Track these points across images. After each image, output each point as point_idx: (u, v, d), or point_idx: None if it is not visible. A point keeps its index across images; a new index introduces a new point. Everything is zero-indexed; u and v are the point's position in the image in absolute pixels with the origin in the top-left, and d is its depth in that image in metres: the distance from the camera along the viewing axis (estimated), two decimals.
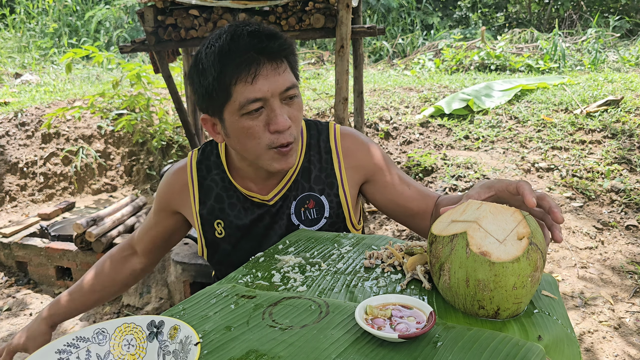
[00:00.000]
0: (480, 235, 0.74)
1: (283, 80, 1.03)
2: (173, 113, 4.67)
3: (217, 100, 1.05)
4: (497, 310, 0.73)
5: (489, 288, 0.71)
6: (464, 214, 0.80)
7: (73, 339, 0.69)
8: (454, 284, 0.75)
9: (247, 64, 1.00)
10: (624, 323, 2.37)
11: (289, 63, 1.06)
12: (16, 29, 9.03)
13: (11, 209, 4.27)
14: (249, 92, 1.00)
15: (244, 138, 1.06)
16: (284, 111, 1.04)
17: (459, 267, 0.73)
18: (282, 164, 1.08)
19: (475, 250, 0.72)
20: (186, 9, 2.83)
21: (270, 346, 0.68)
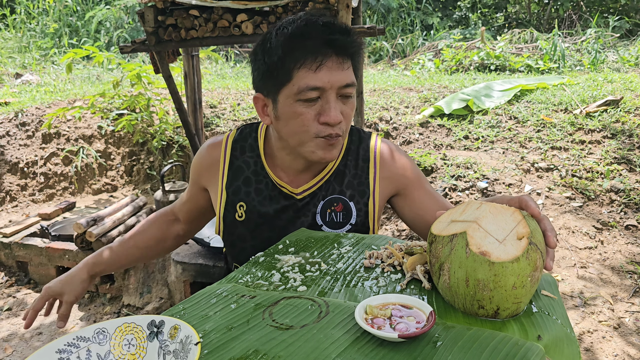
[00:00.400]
0: (479, 235, 0.74)
1: (345, 76, 1.05)
2: (173, 113, 4.67)
3: (277, 80, 1.06)
4: (496, 310, 0.73)
5: (488, 288, 0.71)
6: (464, 214, 0.80)
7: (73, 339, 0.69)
8: (454, 284, 0.75)
9: (315, 52, 1.02)
10: (623, 323, 2.37)
11: (353, 63, 1.08)
12: (16, 29, 9.03)
13: (11, 208, 4.27)
14: (310, 79, 1.02)
15: (293, 123, 1.07)
16: (338, 106, 1.06)
17: (459, 267, 0.73)
18: (326, 153, 1.09)
19: (475, 250, 0.72)
20: (186, 10, 2.83)
21: (270, 346, 0.68)
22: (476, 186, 3.37)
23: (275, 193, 1.20)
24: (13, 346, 2.69)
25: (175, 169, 4.29)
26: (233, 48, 8.73)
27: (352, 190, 1.21)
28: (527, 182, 3.40)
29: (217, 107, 4.84)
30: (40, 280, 3.33)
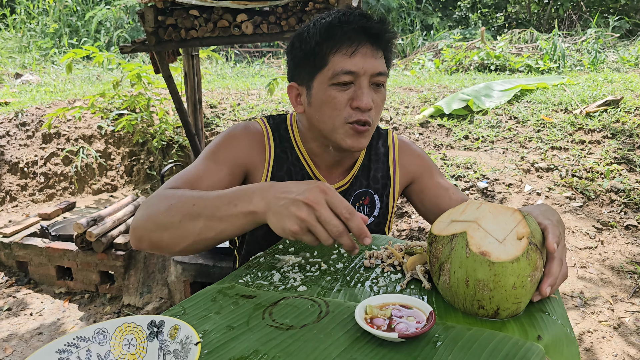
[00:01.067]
0: (480, 235, 0.74)
1: (378, 64, 1.07)
2: (173, 113, 4.67)
3: (312, 66, 1.09)
4: (496, 310, 0.73)
5: (488, 288, 0.71)
6: (464, 213, 0.80)
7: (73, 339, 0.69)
8: (454, 284, 0.75)
9: (351, 38, 1.05)
10: (623, 323, 2.37)
11: (385, 55, 1.11)
12: (17, 29, 9.03)
13: (12, 208, 4.27)
14: (345, 63, 1.05)
15: (325, 107, 1.09)
16: (371, 93, 1.08)
17: (459, 267, 0.73)
18: (355, 141, 1.10)
19: (475, 250, 0.72)
20: (186, 10, 2.83)
21: (270, 346, 0.68)
22: (476, 186, 3.37)
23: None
24: (13, 346, 2.69)
25: (175, 169, 4.29)
26: (233, 48, 8.73)
27: (377, 183, 1.26)
28: (527, 182, 3.40)
29: (217, 107, 4.84)
30: (40, 280, 3.33)
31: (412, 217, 3.30)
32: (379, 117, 1.13)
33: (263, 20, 2.75)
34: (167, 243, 0.93)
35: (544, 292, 0.76)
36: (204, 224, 0.89)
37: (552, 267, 0.77)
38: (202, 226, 0.89)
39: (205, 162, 1.12)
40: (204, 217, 0.89)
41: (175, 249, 0.94)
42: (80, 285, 3.23)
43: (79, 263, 3.18)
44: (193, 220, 0.89)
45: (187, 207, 0.91)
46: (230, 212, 0.87)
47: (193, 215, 0.90)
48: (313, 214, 0.79)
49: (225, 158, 1.14)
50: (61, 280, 3.29)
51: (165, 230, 0.92)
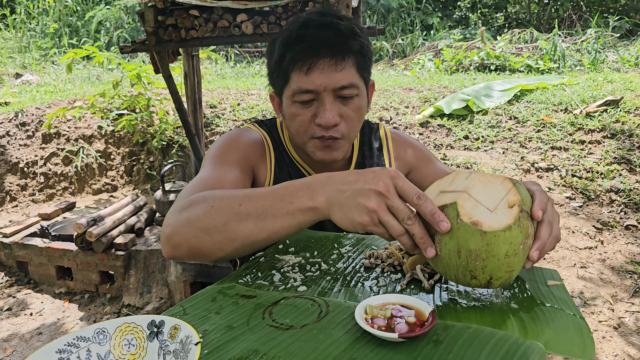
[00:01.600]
0: (470, 204, 0.72)
1: (340, 77, 1.02)
2: (173, 113, 4.68)
3: (278, 81, 1.08)
4: (489, 280, 0.73)
5: (481, 258, 0.70)
6: (453, 184, 0.78)
7: (73, 339, 0.69)
8: (445, 256, 0.73)
9: (306, 54, 1.00)
10: (623, 323, 2.37)
11: (357, 62, 1.05)
12: (17, 29, 9.03)
13: (12, 209, 4.27)
14: (302, 81, 1.02)
15: (293, 123, 1.08)
16: (335, 107, 1.04)
17: (450, 238, 0.72)
18: (326, 154, 1.09)
19: (466, 220, 0.70)
20: (186, 10, 2.83)
21: (270, 346, 0.68)
22: None
23: None
24: (13, 346, 2.69)
25: (175, 169, 4.29)
26: (233, 48, 8.74)
27: None
28: None
29: (217, 107, 4.84)
30: (41, 280, 3.33)
31: None
32: (356, 125, 1.09)
33: (263, 20, 2.75)
34: (210, 248, 0.85)
35: (532, 257, 0.74)
36: (255, 225, 0.81)
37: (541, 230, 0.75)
38: (253, 227, 0.81)
39: (217, 166, 1.06)
40: (254, 217, 0.81)
41: (218, 255, 0.86)
42: (80, 285, 3.23)
43: (79, 263, 3.18)
44: (241, 221, 0.82)
45: (233, 207, 0.83)
46: (285, 209, 0.80)
47: (241, 215, 0.82)
48: (384, 202, 0.73)
49: (234, 159, 1.10)
50: (61, 280, 3.29)
51: (208, 234, 0.84)
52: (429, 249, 0.73)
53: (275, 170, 1.19)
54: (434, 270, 0.91)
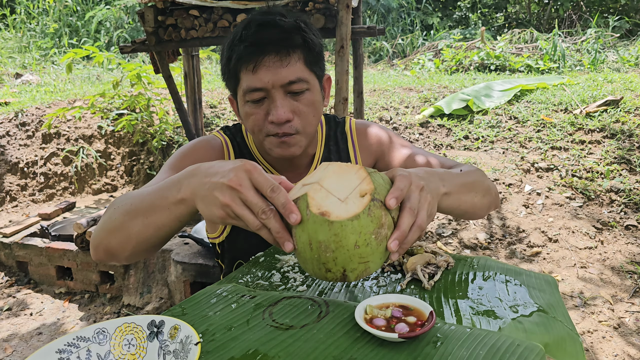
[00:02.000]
0: (321, 195, 0.70)
1: (287, 73, 1.02)
2: (173, 113, 4.67)
3: (231, 83, 1.10)
4: (343, 272, 0.70)
5: (330, 249, 0.68)
6: (312, 176, 0.76)
7: (73, 339, 0.69)
8: (301, 249, 0.71)
9: (251, 53, 1.01)
10: (623, 323, 2.37)
11: (304, 56, 1.05)
12: (17, 29, 9.03)
13: (12, 209, 4.27)
14: (250, 80, 1.03)
15: (248, 123, 1.09)
16: (286, 104, 1.04)
17: (302, 231, 0.70)
18: (283, 151, 1.09)
19: (314, 211, 0.68)
20: (186, 10, 2.83)
21: (270, 346, 0.68)
22: None
23: None
24: (13, 346, 2.69)
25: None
26: None
27: None
28: (527, 182, 3.40)
29: (217, 107, 4.84)
30: (40, 280, 3.33)
31: None
32: (312, 119, 1.09)
33: None
34: (116, 248, 0.89)
35: (389, 248, 0.70)
36: (142, 222, 0.84)
37: (400, 219, 0.72)
38: (140, 224, 0.84)
39: (166, 174, 1.08)
40: (141, 214, 0.84)
41: (124, 254, 0.90)
42: (80, 285, 3.23)
43: (79, 263, 3.18)
44: (133, 219, 0.85)
45: (126, 206, 0.87)
46: (162, 203, 0.82)
47: (131, 213, 0.85)
48: (238, 197, 0.73)
49: (185, 166, 1.11)
50: (61, 280, 3.29)
51: (112, 234, 0.89)
52: (286, 244, 0.71)
53: None
54: (434, 271, 0.91)
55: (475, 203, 0.97)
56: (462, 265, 0.96)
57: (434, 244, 3.02)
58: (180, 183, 0.80)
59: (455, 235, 3.07)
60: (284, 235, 0.71)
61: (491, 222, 3.14)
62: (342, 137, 1.28)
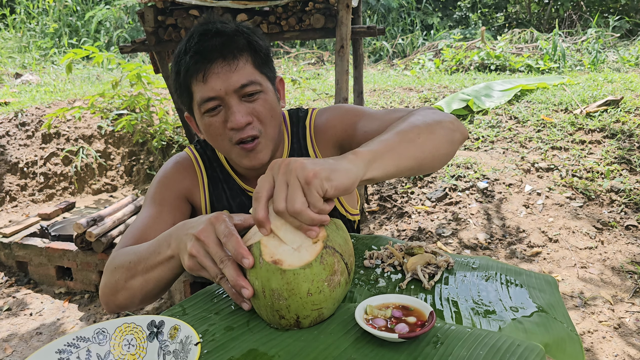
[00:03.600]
0: (274, 243, 0.71)
1: (238, 77, 1.01)
2: (173, 113, 4.67)
3: (185, 98, 1.08)
4: (297, 319, 0.71)
5: (283, 297, 0.69)
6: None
7: (73, 339, 0.69)
8: (255, 297, 0.72)
9: (198, 63, 1.00)
10: (623, 323, 2.37)
11: (252, 59, 1.04)
12: (16, 29, 9.03)
13: (11, 209, 4.27)
14: (202, 91, 1.01)
15: (210, 135, 1.07)
16: (242, 108, 1.02)
17: (255, 278, 0.71)
18: (251, 160, 1.07)
19: (267, 259, 0.69)
20: (186, 9, 2.83)
21: (270, 346, 0.68)
22: (476, 186, 3.38)
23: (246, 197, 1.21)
24: (13, 346, 2.69)
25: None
26: None
27: None
28: (527, 182, 3.40)
29: None
30: (40, 280, 3.33)
31: (412, 218, 3.30)
32: (271, 120, 1.07)
33: (263, 20, 2.75)
34: (125, 303, 0.95)
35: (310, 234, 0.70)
36: (142, 278, 0.90)
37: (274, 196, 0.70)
38: (141, 280, 0.90)
39: (148, 210, 1.13)
40: (139, 272, 0.90)
41: (134, 306, 0.96)
42: (80, 285, 3.23)
43: (79, 263, 3.18)
44: (133, 278, 0.91)
45: (126, 266, 0.93)
46: (156, 260, 0.87)
47: (131, 273, 0.91)
48: (202, 248, 0.77)
49: (163, 198, 1.15)
50: (61, 280, 3.29)
51: (118, 293, 0.94)
52: (244, 290, 0.72)
53: (209, 189, 1.20)
54: (434, 271, 0.91)
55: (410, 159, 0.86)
56: (462, 265, 0.95)
57: (434, 244, 3.02)
58: (169, 239, 0.85)
59: (455, 236, 3.07)
60: (240, 282, 0.72)
61: (491, 222, 3.14)
62: (302, 133, 1.22)
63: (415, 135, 0.89)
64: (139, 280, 0.90)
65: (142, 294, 0.92)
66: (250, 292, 0.72)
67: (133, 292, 0.92)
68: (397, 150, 0.84)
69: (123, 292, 0.93)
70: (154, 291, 0.91)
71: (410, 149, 0.86)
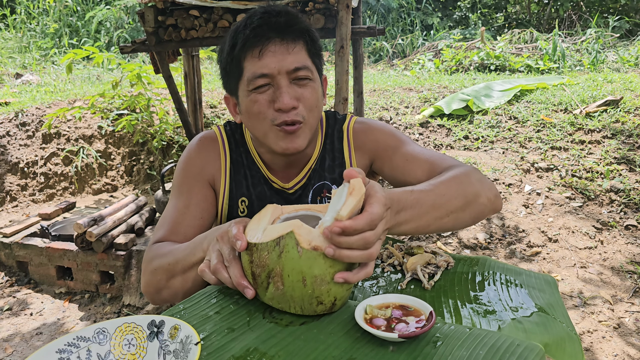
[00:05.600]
0: (305, 231, 0.72)
1: (293, 59, 1.01)
2: (173, 113, 4.67)
3: (232, 76, 1.07)
4: (333, 302, 0.73)
5: (325, 281, 0.71)
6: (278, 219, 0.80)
7: (73, 339, 0.69)
8: (289, 288, 0.72)
9: (256, 39, 1.01)
10: (623, 323, 2.37)
11: (307, 47, 1.05)
12: (17, 29, 9.03)
13: (12, 208, 4.27)
14: (256, 67, 1.01)
15: (252, 115, 1.06)
16: (292, 90, 1.02)
17: (293, 269, 0.70)
18: (288, 143, 1.05)
19: (307, 247, 0.70)
20: (186, 10, 2.83)
21: (270, 345, 0.68)
22: None
23: (268, 187, 1.20)
24: (13, 346, 2.69)
25: (175, 169, 4.29)
26: None
27: (332, 173, 1.20)
28: (527, 182, 3.40)
29: (217, 107, 4.84)
30: (40, 280, 3.33)
31: None
32: (315, 110, 1.08)
33: None
34: (169, 299, 1.02)
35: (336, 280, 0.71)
36: (182, 278, 0.95)
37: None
38: (181, 280, 0.95)
39: (177, 199, 1.16)
40: (178, 272, 0.95)
41: (179, 299, 1.00)
42: (80, 285, 3.23)
43: (79, 263, 3.18)
44: (173, 278, 0.97)
45: (165, 267, 0.98)
46: (191, 261, 0.92)
47: (171, 273, 0.97)
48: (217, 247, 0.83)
49: (190, 186, 1.17)
50: (61, 280, 3.29)
51: (161, 291, 1.01)
52: (247, 290, 0.76)
53: (230, 174, 1.20)
54: (434, 271, 0.91)
55: (445, 223, 0.91)
56: (462, 265, 0.96)
57: (434, 244, 3.02)
58: (204, 241, 0.91)
59: (455, 235, 3.07)
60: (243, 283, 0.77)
61: (491, 222, 3.13)
62: (338, 135, 1.22)
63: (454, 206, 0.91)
64: (179, 279, 0.96)
65: (184, 291, 0.97)
66: (253, 293, 0.76)
67: (175, 290, 0.98)
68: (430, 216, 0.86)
69: (165, 291, 0.99)
70: (194, 288, 0.95)
71: (443, 220, 0.90)
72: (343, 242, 0.68)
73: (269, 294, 0.75)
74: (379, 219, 0.71)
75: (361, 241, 0.69)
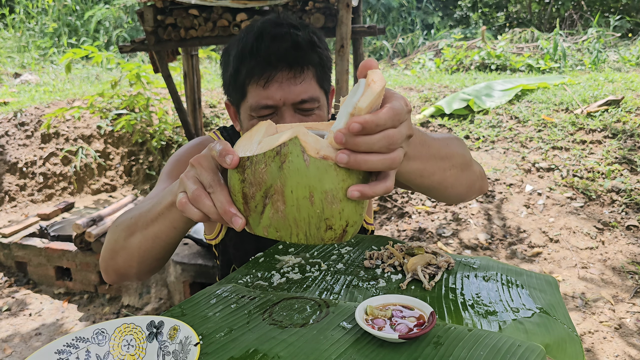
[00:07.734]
0: (313, 138, 0.58)
1: (300, 90, 0.97)
2: (173, 113, 4.67)
3: (235, 94, 1.03)
4: (345, 228, 0.60)
5: (337, 199, 0.57)
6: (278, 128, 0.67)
7: (72, 340, 0.69)
8: (292, 208, 0.58)
9: (263, 67, 0.96)
10: (624, 323, 2.37)
11: (317, 73, 1.01)
12: (15, 28, 9.02)
13: (10, 209, 4.27)
14: (260, 96, 0.97)
15: None
16: (296, 121, 0.98)
17: (298, 182, 0.56)
18: None
19: (315, 156, 0.56)
20: (186, 9, 2.82)
21: (270, 346, 0.67)
22: None
23: None
24: (12, 346, 2.69)
25: None
26: None
27: None
28: (528, 182, 3.39)
29: (217, 107, 4.84)
30: (40, 280, 3.33)
31: (413, 218, 3.30)
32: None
33: None
34: (123, 266, 0.88)
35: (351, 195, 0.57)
36: (141, 235, 0.82)
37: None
38: (140, 237, 0.82)
39: (162, 185, 1.07)
40: (140, 227, 0.82)
41: (132, 271, 0.88)
42: (79, 285, 3.23)
43: (78, 263, 3.18)
44: (132, 234, 0.84)
45: (127, 223, 0.86)
46: (156, 211, 0.79)
47: (131, 230, 0.84)
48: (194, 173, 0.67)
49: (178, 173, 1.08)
50: (60, 280, 3.28)
51: (116, 254, 0.87)
52: (235, 219, 0.60)
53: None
54: (434, 271, 0.90)
55: (447, 177, 0.82)
56: (462, 265, 0.95)
57: (435, 245, 3.01)
58: (172, 188, 0.77)
59: (456, 236, 3.06)
60: (231, 211, 0.61)
61: (491, 222, 3.13)
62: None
63: (456, 161, 0.84)
64: (138, 237, 0.82)
65: (140, 254, 0.84)
66: (243, 222, 0.61)
67: (131, 252, 0.84)
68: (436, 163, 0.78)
69: (122, 252, 0.86)
70: (152, 252, 0.83)
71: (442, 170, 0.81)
72: (361, 143, 0.54)
73: (264, 219, 0.60)
74: (404, 116, 0.57)
75: (384, 140, 0.55)
